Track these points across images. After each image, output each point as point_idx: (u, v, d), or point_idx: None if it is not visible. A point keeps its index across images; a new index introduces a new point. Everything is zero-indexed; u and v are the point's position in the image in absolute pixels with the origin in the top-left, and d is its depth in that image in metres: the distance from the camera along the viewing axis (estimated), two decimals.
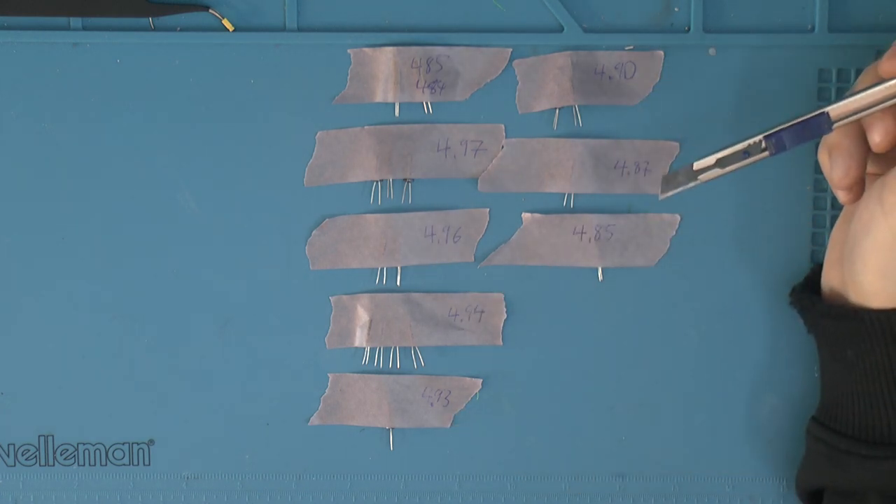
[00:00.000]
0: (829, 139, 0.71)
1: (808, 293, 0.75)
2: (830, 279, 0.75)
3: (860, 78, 0.72)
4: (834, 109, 0.69)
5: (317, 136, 0.78)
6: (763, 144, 0.70)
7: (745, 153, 0.71)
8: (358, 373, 0.80)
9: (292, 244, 0.79)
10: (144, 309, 0.79)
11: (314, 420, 0.80)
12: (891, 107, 0.69)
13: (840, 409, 0.74)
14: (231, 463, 0.80)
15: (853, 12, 0.78)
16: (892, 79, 0.68)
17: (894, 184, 0.68)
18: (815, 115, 0.70)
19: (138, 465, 0.80)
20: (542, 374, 0.80)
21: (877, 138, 0.69)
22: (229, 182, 0.78)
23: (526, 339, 0.80)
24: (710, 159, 0.71)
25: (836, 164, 0.71)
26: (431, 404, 0.80)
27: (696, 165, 0.71)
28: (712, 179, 0.71)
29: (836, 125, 0.69)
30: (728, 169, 0.71)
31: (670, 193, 0.72)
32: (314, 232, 0.79)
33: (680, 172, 0.72)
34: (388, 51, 0.77)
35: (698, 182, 0.71)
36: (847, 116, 0.69)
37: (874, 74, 0.70)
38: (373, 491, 0.81)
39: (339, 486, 0.81)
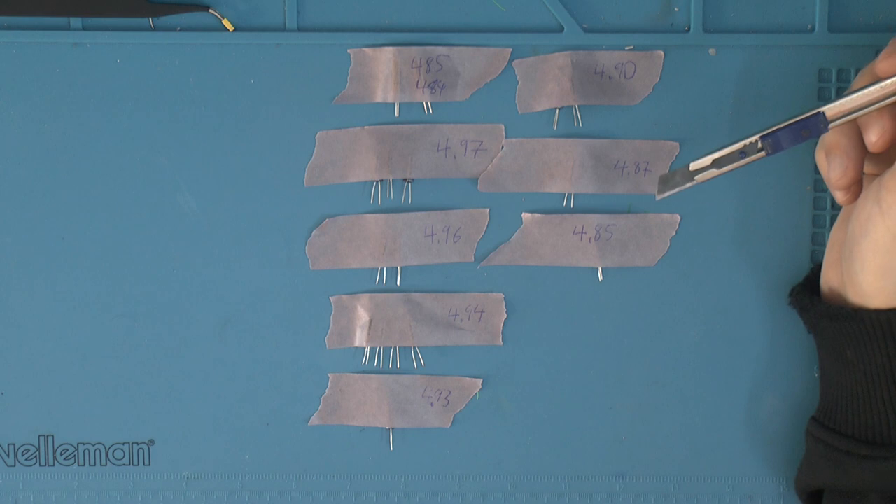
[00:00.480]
0: (826, 139, 0.71)
1: (808, 293, 0.75)
2: (830, 279, 0.75)
3: (857, 78, 0.72)
4: (830, 109, 0.69)
5: (317, 136, 0.78)
6: (759, 144, 0.70)
7: (742, 153, 0.71)
8: (358, 373, 0.80)
9: (292, 244, 0.79)
10: (144, 309, 0.79)
11: (314, 420, 0.80)
12: (887, 106, 0.69)
13: (840, 410, 0.74)
14: (231, 463, 0.80)
15: (853, 12, 0.78)
16: (888, 78, 0.68)
17: (892, 184, 0.68)
18: (812, 115, 0.70)
19: (138, 465, 0.80)
20: (542, 374, 0.80)
21: (873, 137, 0.69)
22: (229, 182, 0.78)
23: (526, 339, 0.80)
24: (707, 160, 0.71)
25: (833, 164, 0.71)
26: (431, 404, 0.80)
27: (693, 166, 0.71)
28: (709, 180, 0.71)
29: (832, 125, 0.69)
30: (725, 169, 0.71)
31: (667, 194, 0.72)
32: (314, 232, 0.79)
33: (677, 173, 0.72)
34: (388, 51, 0.77)
35: (695, 182, 0.71)
36: (843, 116, 0.69)
37: (871, 74, 0.70)
38: (373, 491, 0.81)
39: (339, 486, 0.81)
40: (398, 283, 0.79)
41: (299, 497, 0.81)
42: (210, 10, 0.77)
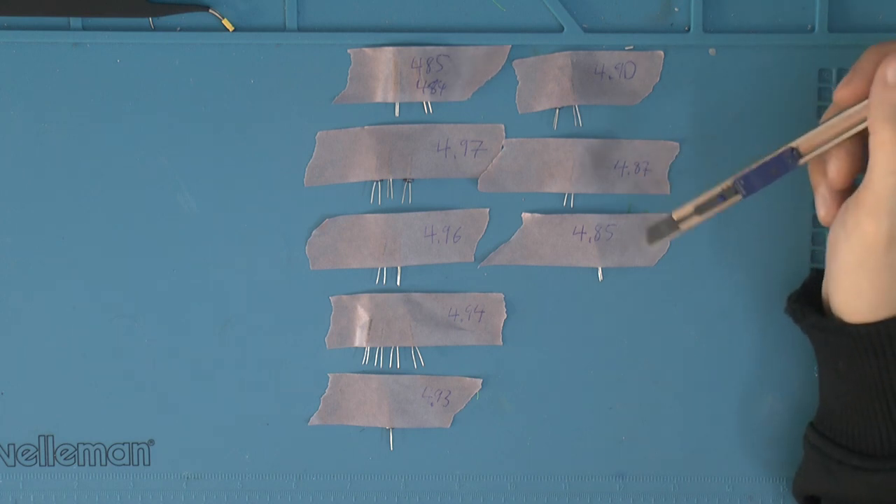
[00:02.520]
0: (811, 178, 0.73)
1: (802, 302, 0.75)
2: (826, 288, 0.75)
3: (826, 111, 0.72)
4: (799, 144, 0.71)
5: (317, 136, 0.78)
6: (735, 187, 0.71)
7: (721, 197, 0.72)
8: (358, 373, 0.80)
9: (292, 244, 0.79)
10: (144, 309, 0.79)
11: (314, 420, 0.80)
12: (846, 141, 0.70)
13: (835, 418, 0.74)
14: (231, 463, 0.80)
15: (853, 12, 0.78)
16: (851, 107, 0.69)
17: (854, 208, 0.69)
18: (781, 152, 0.71)
19: (138, 465, 0.80)
20: (542, 374, 0.80)
21: (831, 174, 0.71)
22: (229, 182, 0.78)
23: (526, 339, 0.80)
24: (689, 207, 0.73)
25: (817, 204, 0.73)
26: (431, 404, 0.80)
27: (676, 214, 0.73)
28: (693, 227, 0.72)
29: (803, 160, 0.71)
30: (707, 215, 0.72)
31: (656, 244, 0.73)
32: (314, 232, 0.79)
33: (662, 222, 0.73)
34: (388, 51, 0.77)
35: (681, 231, 0.73)
36: (813, 150, 0.71)
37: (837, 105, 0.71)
38: (373, 491, 0.81)
39: (339, 486, 0.81)
40: (398, 283, 0.79)
41: (299, 497, 0.81)
42: (210, 10, 0.77)
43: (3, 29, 0.77)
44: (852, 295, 0.71)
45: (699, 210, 0.72)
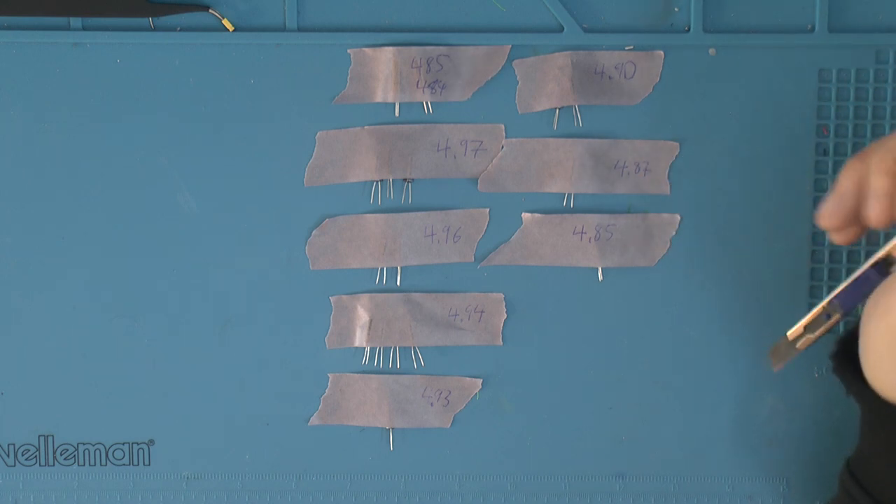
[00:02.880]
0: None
1: (842, 359, 0.71)
2: None
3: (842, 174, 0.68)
4: (890, 251, 0.67)
5: (317, 136, 0.78)
6: (835, 302, 0.70)
7: (827, 315, 0.70)
8: (358, 373, 0.80)
9: (292, 244, 0.79)
10: (144, 309, 0.79)
11: (314, 420, 0.80)
12: None
13: (869, 463, 0.72)
14: (231, 463, 0.80)
15: (853, 12, 0.78)
16: None
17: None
18: (867, 269, 0.68)
19: (138, 465, 0.80)
20: (542, 374, 0.80)
21: None
22: (229, 182, 0.78)
23: (526, 339, 0.80)
24: (799, 327, 0.71)
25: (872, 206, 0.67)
26: (431, 404, 0.80)
27: (791, 335, 0.71)
28: (810, 345, 0.71)
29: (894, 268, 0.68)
30: (818, 333, 0.70)
31: (782, 365, 0.72)
32: (314, 232, 0.79)
33: (780, 345, 0.72)
34: (388, 51, 0.77)
35: (799, 350, 0.71)
36: None
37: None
38: (373, 491, 0.81)
39: (339, 486, 0.81)
40: (398, 283, 0.79)
41: (299, 497, 0.81)
42: (210, 10, 0.77)
43: (3, 29, 0.77)
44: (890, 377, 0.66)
45: (809, 328, 0.71)
